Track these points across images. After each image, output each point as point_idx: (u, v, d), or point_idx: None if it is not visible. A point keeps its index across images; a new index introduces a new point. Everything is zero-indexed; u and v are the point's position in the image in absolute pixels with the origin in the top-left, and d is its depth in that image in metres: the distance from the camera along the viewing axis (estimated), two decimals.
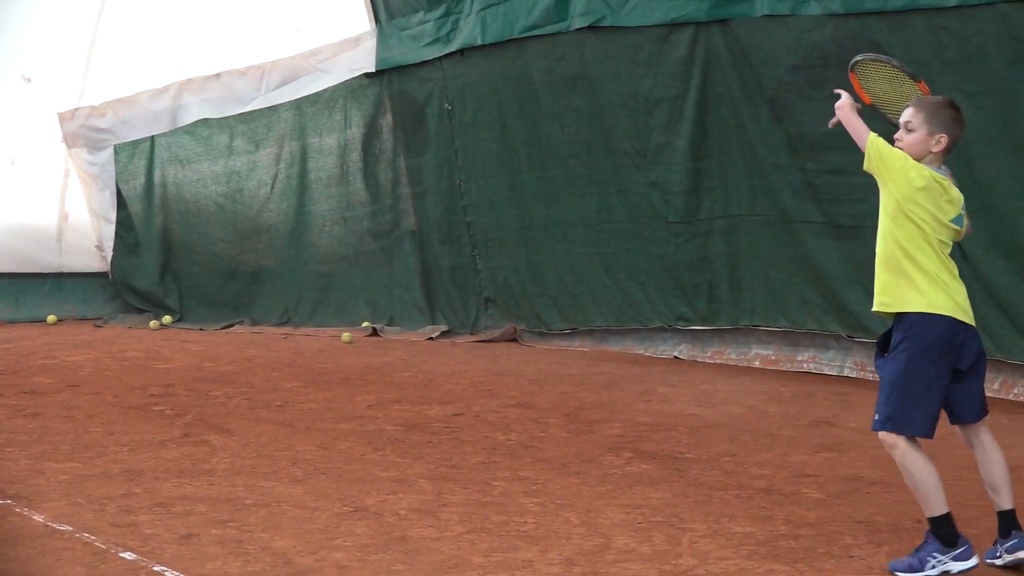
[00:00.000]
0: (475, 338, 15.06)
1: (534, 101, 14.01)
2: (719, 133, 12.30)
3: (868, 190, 10.92)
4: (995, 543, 6.00)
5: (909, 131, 6.27)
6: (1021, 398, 10.19)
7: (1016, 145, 9.86)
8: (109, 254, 18.71)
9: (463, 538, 6.50)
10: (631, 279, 13.51)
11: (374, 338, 15.59)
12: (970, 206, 10.22)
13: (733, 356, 12.57)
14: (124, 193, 18.53)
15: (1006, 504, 5.97)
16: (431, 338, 15.27)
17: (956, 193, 6.14)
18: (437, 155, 15.39)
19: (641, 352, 13.56)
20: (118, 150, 18.48)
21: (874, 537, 6.47)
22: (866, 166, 6.14)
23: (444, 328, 15.46)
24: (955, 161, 10.18)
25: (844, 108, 6.39)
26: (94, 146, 18.56)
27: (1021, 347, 10.13)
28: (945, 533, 5.83)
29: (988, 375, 10.53)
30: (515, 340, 14.93)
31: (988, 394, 10.41)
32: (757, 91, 11.69)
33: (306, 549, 6.33)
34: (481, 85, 14.61)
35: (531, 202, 14.29)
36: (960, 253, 10.33)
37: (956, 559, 5.82)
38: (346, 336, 15.36)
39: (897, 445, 5.87)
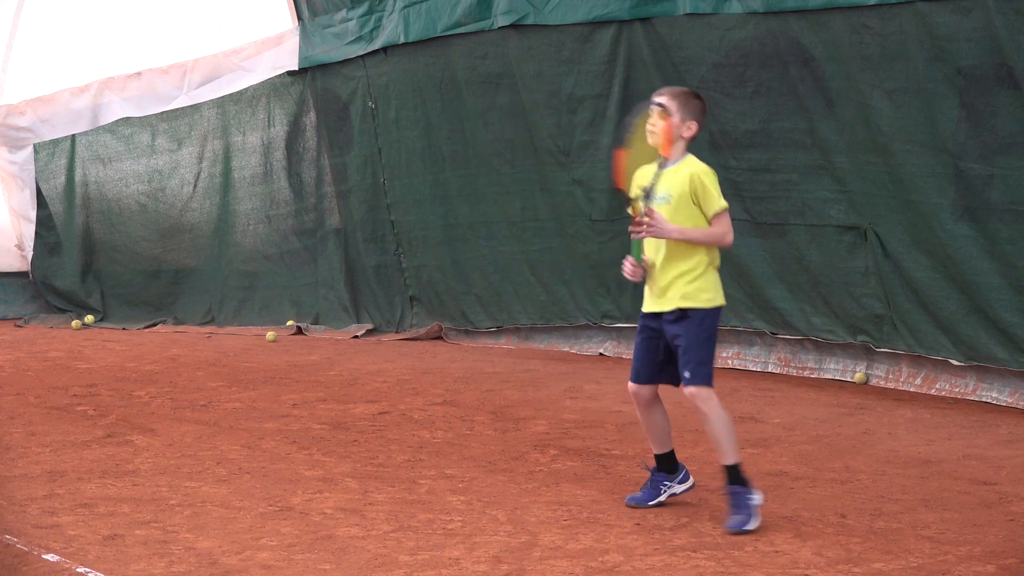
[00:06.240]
0: (400, 336, 15.04)
1: (457, 99, 14.01)
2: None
3: (790, 188, 11.08)
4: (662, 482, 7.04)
5: (664, 117, 6.72)
6: (943, 393, 10.30)
7: (935, 143, 9.95)
8: (29, 254, 18.54)
9: (389, 536, 6.50)
10: (556, 277, 13.54)
11: (299, 337, 15.53)
12: (890, 203, 10.45)
13: None
14: (44, 192, 18.36)
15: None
16: (356, 336, 15.24)
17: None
18: (361, 153, 15.36)
19: (567, 349, 13.60)
20: (38, 149, 18.31)
21: (799, 531, 6.52)
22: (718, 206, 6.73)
23: (369, 326, 15.44)
24: (875, 159, 10.34)
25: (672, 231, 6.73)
26: (13, 145, 18.38)
27: (942, 342, 10.23)
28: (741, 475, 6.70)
29: (910, 371, 10.69)
30: (440, 338, 14.93)
31: (911, 389, 10.61)
32: None
33: (231, 549, 6.31)
34: (404, 83, 14.60)
35: (455, 200, 14.29)
36: (881, 249, 10.51)
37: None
38: (270, 335, 15.29)
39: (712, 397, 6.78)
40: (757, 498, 6.62)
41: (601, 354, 13.21)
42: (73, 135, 18.02)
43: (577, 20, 12.59)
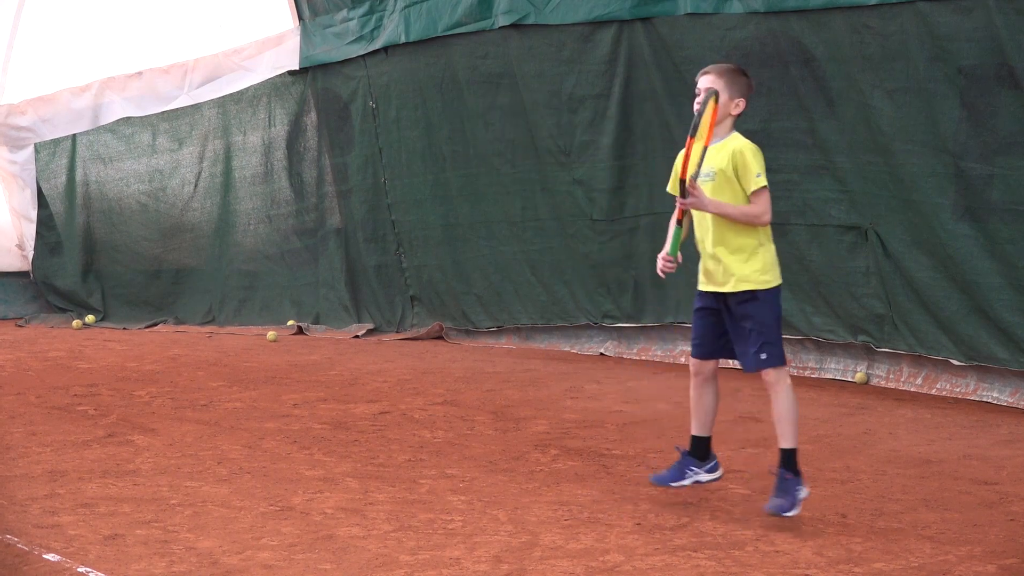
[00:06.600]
0: (401, 336, 15.04)
1: (458, 99, 14.01)
2: (643, 131, 12.35)
3: (791, 187, 11.07)
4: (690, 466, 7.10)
5: (713, 102, 6.73)
6: (943, 393, 10.30)
7: (936, 143, 9.95)
8: (30, 253, 18.55)
9: (390, 536, 6.50)
10: (556, 277, 13.53)
11: (299, 337, 15.53)
12: (891, 203, 10.45)
13: (659, 353, 12.63)
14: (45, 192, 18.37)
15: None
16: (357, 336, 15.24)
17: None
18: (361, 153, 15.36)
19: (567, 349, 13.59)
20: (39, 148, 18.31)
21: (800, 531, 6.52)
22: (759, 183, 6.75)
23: (370, 326, 15.44)
24: (876, 159, 10.33)
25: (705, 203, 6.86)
26: (14, 144, 18.39)
27: (943, 342, 10.23)
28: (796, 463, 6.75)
29: (911, 371, 10.69)
30: (441, 338, 14.93)
31: (912, 389, 10.61)
32: (680, 89, 11.73)
33: (232, 549, 6.31)
34: (405, 83, 14.60)
35: (456, 200, 14.29)
36: (882, 249, 10.51)
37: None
38: (271, 335, 15.29)
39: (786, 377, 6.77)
40: (804, 491, 6.70)
41: (602, 354, 13.21)
42: (74, 135, 18.02)
43: (578, 20, 12.59)
